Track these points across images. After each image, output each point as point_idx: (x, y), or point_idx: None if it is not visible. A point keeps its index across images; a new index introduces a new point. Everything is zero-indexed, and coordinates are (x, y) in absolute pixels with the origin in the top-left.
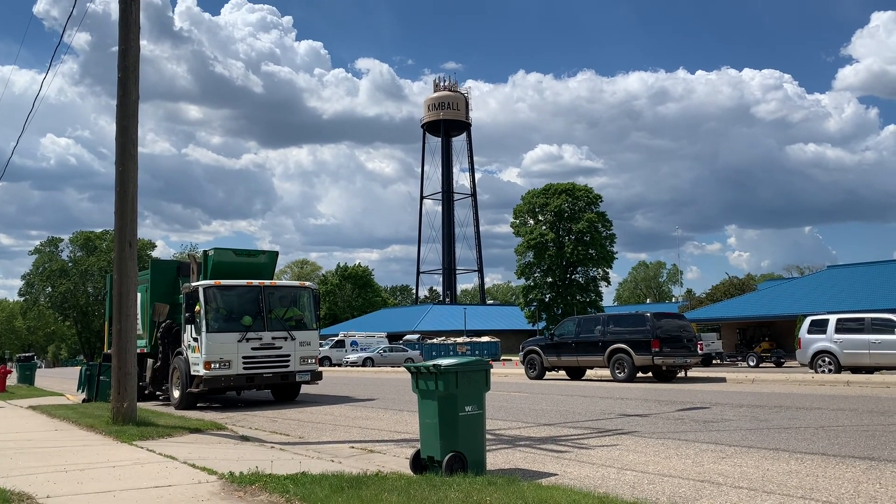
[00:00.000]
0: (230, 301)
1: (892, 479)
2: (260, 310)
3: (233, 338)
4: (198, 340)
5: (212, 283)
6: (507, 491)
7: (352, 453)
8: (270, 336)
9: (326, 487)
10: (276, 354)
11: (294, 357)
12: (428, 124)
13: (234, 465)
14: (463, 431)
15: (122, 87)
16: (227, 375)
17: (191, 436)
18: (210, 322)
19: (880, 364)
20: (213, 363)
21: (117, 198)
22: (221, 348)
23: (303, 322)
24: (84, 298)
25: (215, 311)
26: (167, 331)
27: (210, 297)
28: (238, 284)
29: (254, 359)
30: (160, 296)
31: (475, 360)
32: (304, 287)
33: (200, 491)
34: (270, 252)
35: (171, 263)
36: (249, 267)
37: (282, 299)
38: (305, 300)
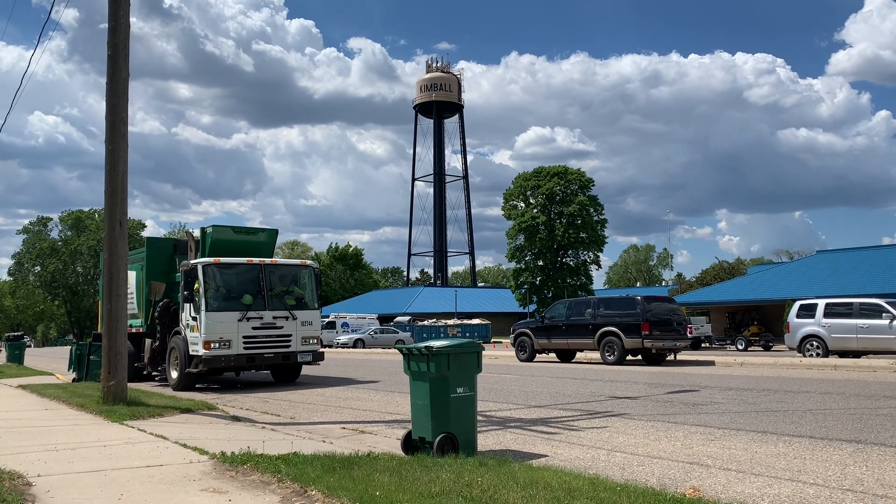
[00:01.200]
0: (230, 279)
1: (878, 461)
2: (260, 288)
3: (233, 317)
4: (197, 319)
5: (211, 261)
6: (498, 472)
7: (343, 434)
8: (271, 315)
9: (318, 468)
10: (277, 334)
11: (295, 337)
12: (420, 106)
13: (225, 445)
14: (454, 413)
15: (111, 65)
16: (227, 355)
17: (182, 416)
18: (209, 301)
19: (867, 348)
20: (212, 343)
21: (107, 177)
22: (221, 328)
23: (304, 301)
24: (74, 278)
25: (215, 289)
26: (165, 310)
27: (209, 275)
28: (238, 262)
29: (254, 338)
30: (156, 274)
31: (467, 342)
32: (306, 265)
33: (192, 471)
34: (269, 230)
35: (167, 241)
36: (248, 245)
37: (282, 278)
38: (306, 279)
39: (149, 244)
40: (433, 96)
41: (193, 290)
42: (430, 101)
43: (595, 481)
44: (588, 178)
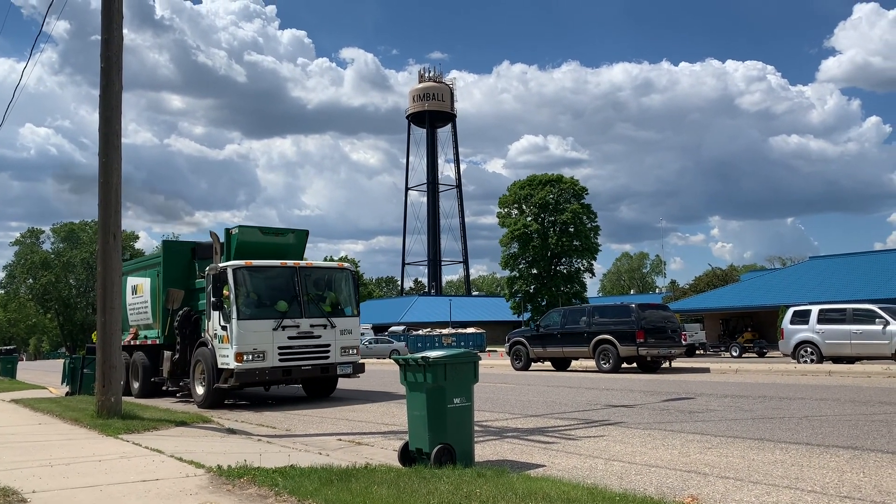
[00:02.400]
0: (263, 284)
1: (875, 468)
2: (296, 294)
3: (267, 325)
4: (226, 329)
5: (242, 264)
6: (496, 483)
7: (339, 446)
8: (308, 324)
9: (315, 480)
10: (314, 344)
11: (334, 347)
12: (413, 115)
13: (221, 459)
14: (451, 423)
15: (104, 78)
16: (261, 368)
17: (177, 429)
18: (241, 308)
19: (861, 354)
20: (245, 354)
21: (101, 189)
22: (255, 337)
23: (342, 308)
24: (66, 290)
25: (246, 295)
26: (185, 319)
27: (240, 280)
28: (271, 265)
29: (290, 349)
30: (174, 281)
31: (464, 352)
32: (343, 269)
33: (188, 484)
34: (299, 231)
35: (185, 245)
36: (276, 248)
37: (318, 282)
38: (344, 283)
39: (165, 248)
40: (426, 106)
41: (222, 297)
42: (422, 110)
43: (593, 491)
44: (581, 187)
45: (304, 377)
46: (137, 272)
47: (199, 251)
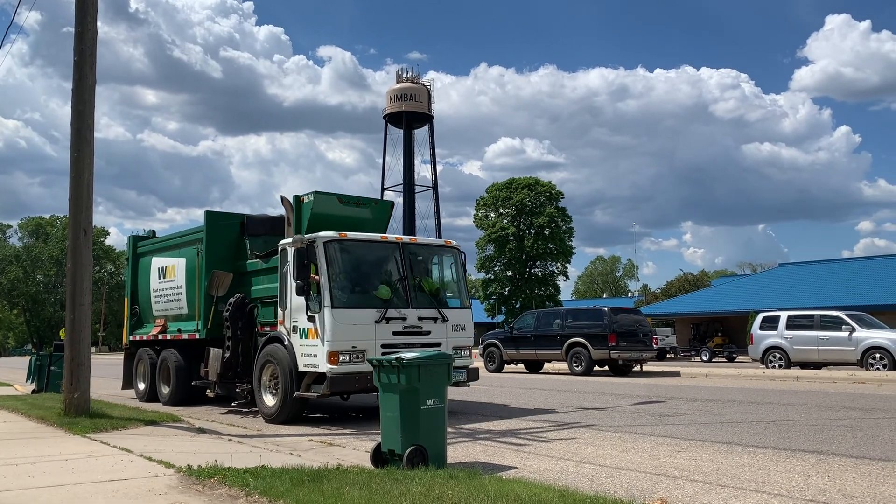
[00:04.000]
0: (360, 263)
1: (839, 471)
2: (401, 277)
3: (368, 317)
4: (314, 320)
5: (335, 236)
6: (468, 484)
7: (311, 446)
8: (416, 315)
9: (287, 481)
10: (423, 342)
11: (446, 346)
12: (390, 115)
13: (191, 458)
14: (424, 425)
15: (77, 71)
16: (361, 373)
17: (146, 428)
18: (336, 293)
19: (828, 360)
20: (341, 354)
21: (72, 184)
22: (354, 332)
23: (452, 297)
24: (34, 286)
25: (341, 276)
26: (238, 308)
27: (334, 256)
28: (371, 239)
29: (395, 348)
30: (219, 261)
31: (437, 353)
32: (452, 247)
33: (158, 484)
34: (384, 202)
35: (233, 217)
36: (355, 222)
37: (424, 263)
38: (454, 266)
39: (209, 220)
40: (403, 106)
41: (308, 279)
42: (399, 111)
43: (565, 493)
44: (558, 191)
45: None
46: (166, 251)
47: (249, 226)
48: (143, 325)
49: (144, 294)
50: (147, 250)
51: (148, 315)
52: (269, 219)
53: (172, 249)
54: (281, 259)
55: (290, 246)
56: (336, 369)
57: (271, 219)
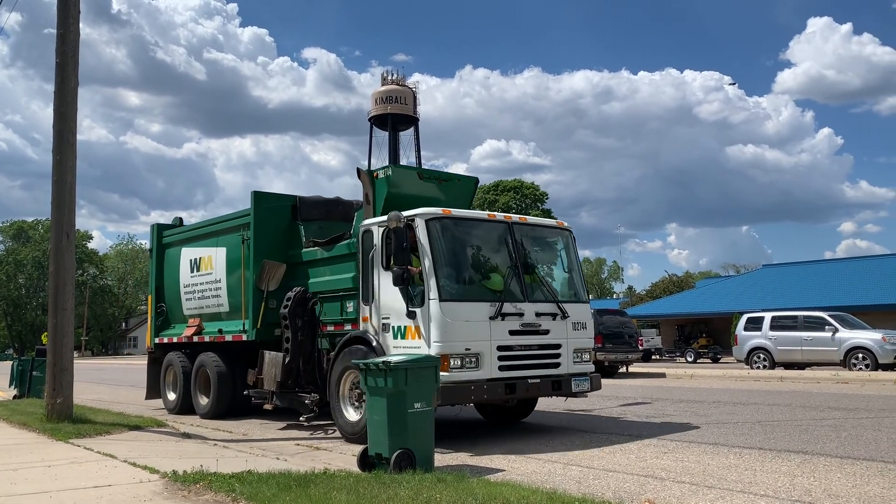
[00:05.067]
0: (467, 247)
1: (824, 471)
2: (513, 264)
3: (482, 312)
4: (414, 316)
5: (438, 213)
6: (456, 488)
7: (297, 451)
8: (534, 311)
9: (273, 486)
10: (542, 344)
11: (566, 349)
12: (375, 118)
13: (176, 464)
14: (412, 428)
15: (60, 73)
16: (477, 382)
17: (130, 433)
18: (443, 283)
19: (811, 360)
20: (453, 358)
21: (54, 187)
22: (466, 330)
23: (570, 288)
24: (16, 290)
25: (448, 263)
26: (299, 304)
27: (438, 238)
28: (478, 218)
29: (512, 351)
30: (268, 250)
31: (425, 356)
32: (564, 228)
33: (142, 490)
34: (467, 178)
35: (283, 199)
36: (435, 203)
37: (537, 247)
38: (568, 251)
39: (257, 202)
40: (388, 109)
41: (407, 267)
42: (385, 113)
43: (553, 496)
44: (542, 192)
45: (529, 396)
46: (200, 241)
47: (302, 209)
48: (172, 326)
49: (173, 290)
50: (175, 240)
51: (177, 314)
52: (325, 201)
53: (208, 238)
54: (363, 243)
55: (378, 226)
56: (447, 377)
57: (326, 201)
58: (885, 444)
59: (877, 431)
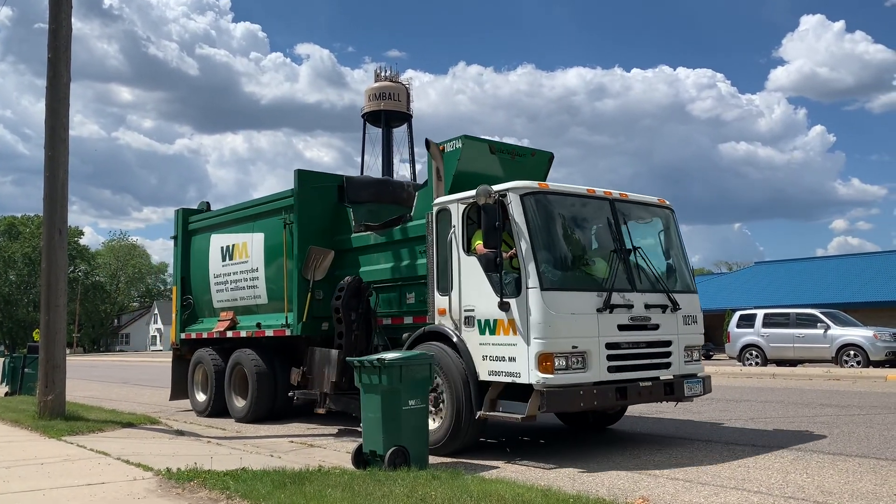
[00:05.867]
0: (566, 227)
1: (817, 468)
2: (618, 247)
3: (589, 303)
4: (507, 308)
5: (534, 186)
6: (451, 485)
7: (291, 448)
8: (643, 302)
9: (268, 483)
10: (651, 341)
11: (677, 347)
12: (368, 114)
13: (170, 461)
14: (406, 426)
15: (52, 69)
16: (585, 386)
17: (123, 430)
18: (544, 269)
19: (803, 357)
20: (558, 357)
21: (46, 183)
22: (573, 325)
23: (677, 276)
24: (7, 287)
25: (548, 246)
26: (354, 295)
27: (535, 216)
28: (576, 193)
29: (620, 349)
30: (314, 235)
31: (419, 354)
32: (665, 206)
33: (136, 488)
34: (542, 153)
35: (328, 179)
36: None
37: (640, 228)
38: (671, 233)
39: (301, 181)
40: (382, 105)
41: (498, 250)
42: (378, 109)
43: (548, 493)
44: None
45: (640, 402)
46: (233, 226)
47: (350, 190)
48: (200, 320)
49: (201, 281)
50: (203, 226)
51: (206, 307)
52: (374, 182)
53: (242, 223)
54: (437, 224)
55: (458, 203)
56: (551, 379)
57: (376, 182)
58: (876, 441)
59: (869, 428)
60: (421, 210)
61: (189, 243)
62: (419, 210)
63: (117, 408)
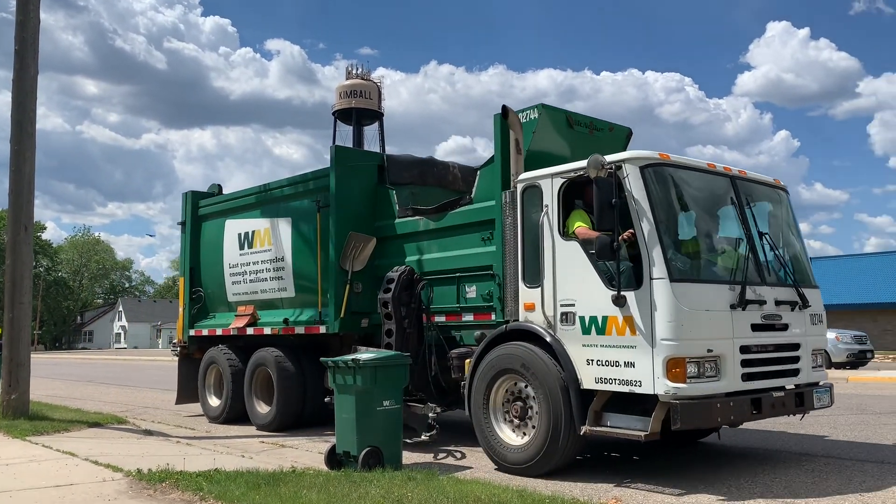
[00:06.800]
0: (688, 207)
1: (784, 468)
2: (745, 233)
3: (721, 299)
4: (623, 303)
5: (655, 157)
6: (427, 486)
7: (262, 448)
8: (773, 297)
9: (242, 485)
10: (779, 343)
11: (805, 351)
12: (339, 112)
13: (140, 462)
14: (380, 426)
15: (19, 61)
16: (723, 398)
17: (90, 430)
18: (671, 257)
19: None
20: (690, 362)
21: (12, 178)
22: (707, 324)
23: (800, 268)
24: None
25: (674, 229)
26: (405, 288)
27: (655, 192)
28: (698, 167)
29: (751, 353)
30: (353, 220)
31: (394, 354)
32: (782, 188)
33: (106, 490)
34: (620, 128)
35: (368, 157)
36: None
37: (761, 211)
38: (790, 217)
39: (338, 159)
40: (353, 103)
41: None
42: (349, 107)
43: (523, 493)
44: None
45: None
46: (251, 210)
47: (392, 171)
48: (212, 315)
49: (213, 271)
50: (215, 210)
51: (219, 300)
52: (418, 162)
53: (264, 206)
54: (523, 204)
55: (553, 178)
56: (684, 389)
57: (420, 162)
58: (842, 443)
59: (832, 429)
60: (484, 191)
61: (199, 230)
62: (482, 191)
63: (83, 407)
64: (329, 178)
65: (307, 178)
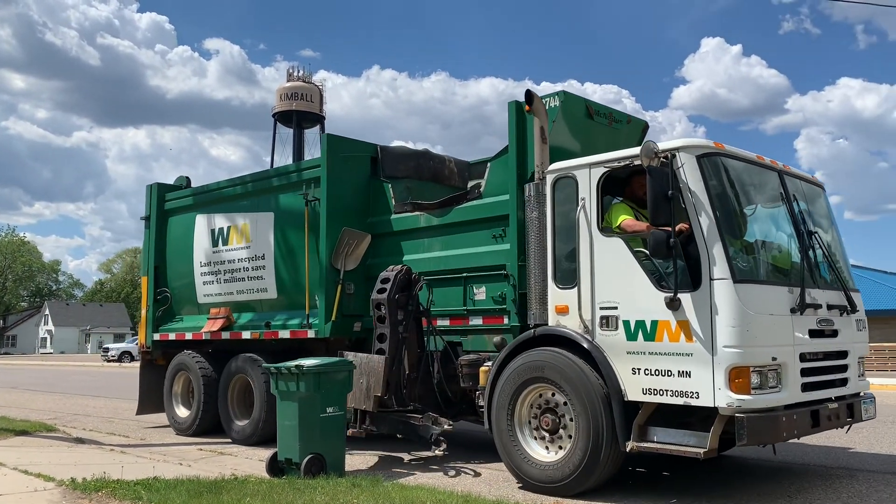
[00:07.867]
0: (747, 202)
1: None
2: (796, 231)
3: (781, 302)
4: (676, 305)
5: (710, 146)
6: (372, 492)
7: (201, 455)
8: (826, 301)
9: (183, 493)
10: (829, 351)
11: (853, 357)
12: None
13: (73, 471)
14: (323, 433)
15: None
16: (787, 410)
17: (17, 438)
18: (733, 255)
19: None
20: (755, 372)
21: None
22: (770, 331)
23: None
24: None
25: (735, 225)
26: (402, 288)
27: (713, 184)
28: (751, 159)
29: (808, 361)
30: (344, 215)
31: (338, 360)
32: (821, 185)
33: (38, 500)
34: (637, 120)
35: (361, 148)
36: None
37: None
38: (832, 216)
39: (331, 148)
40: (294, 105)
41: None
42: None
43: (468, 498)
44: None
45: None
46: (226, 203)
47: (386, 163)
48: (179, 318)
49: (181, 269)
50: (185, 205)
51: (188, 302)
52: (413, 154)
53: (242, 199)
54: (554, 196)
55: (591, 168)
56: (749, 401)
57: (415, 154)
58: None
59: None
60: (496, 185)
61: (165, 225)
62: (494, 185)
63: (8, 414)
64: (319, 169)
65: (294, 169)
